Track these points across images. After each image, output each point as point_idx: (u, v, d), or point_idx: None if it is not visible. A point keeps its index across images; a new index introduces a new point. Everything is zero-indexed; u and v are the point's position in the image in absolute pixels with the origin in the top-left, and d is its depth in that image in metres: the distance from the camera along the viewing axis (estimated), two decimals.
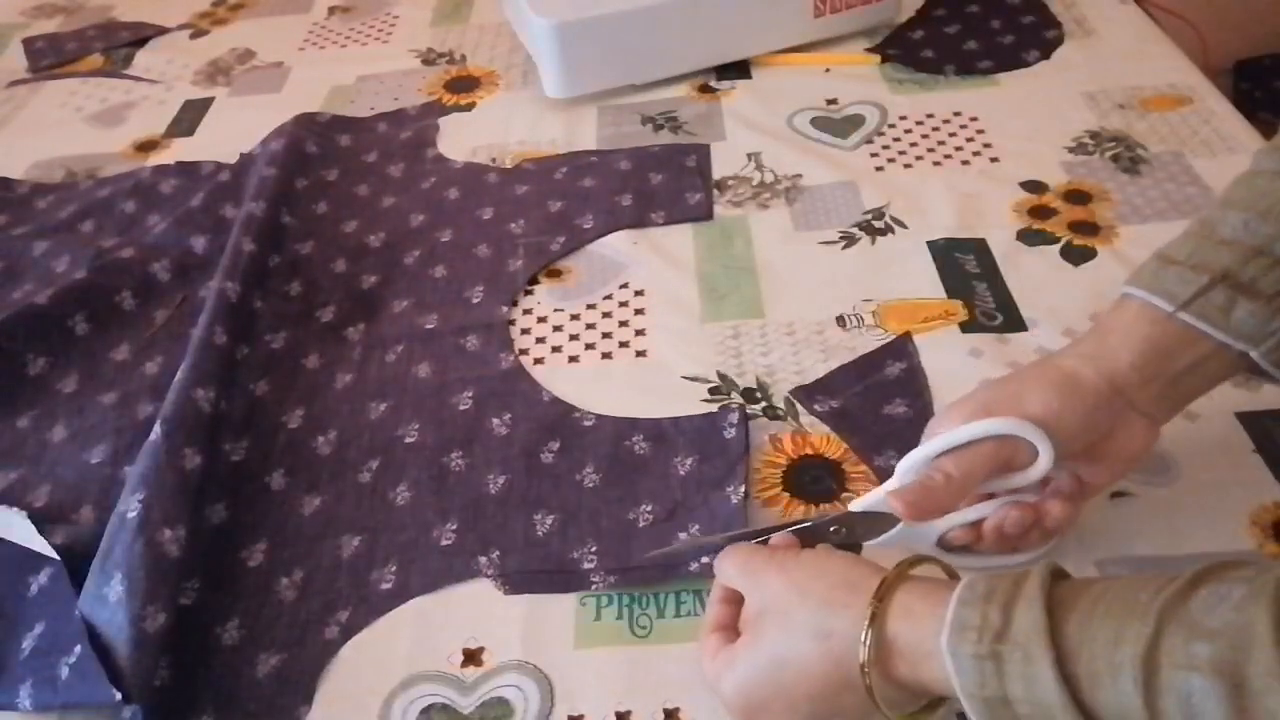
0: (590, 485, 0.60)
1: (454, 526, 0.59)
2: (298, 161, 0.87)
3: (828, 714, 0.44)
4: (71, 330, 0.72)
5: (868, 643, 0.41)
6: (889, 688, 0.41)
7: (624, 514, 0.58)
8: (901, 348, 0.66)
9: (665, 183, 0.82)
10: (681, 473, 0.60)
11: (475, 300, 0.74)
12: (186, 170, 0.90)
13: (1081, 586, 0.39)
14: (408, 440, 0.64)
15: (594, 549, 0.56)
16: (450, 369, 0.68)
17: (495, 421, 0.64)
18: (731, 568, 0.48)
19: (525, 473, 0.61)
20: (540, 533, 0.58)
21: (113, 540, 0.54)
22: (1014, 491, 0.50)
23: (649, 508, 0.58)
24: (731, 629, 0.48)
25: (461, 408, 0.65)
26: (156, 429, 0.59)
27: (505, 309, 0.73)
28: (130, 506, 0.55)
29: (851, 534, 0.51)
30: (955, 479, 0.47)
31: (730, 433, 0.61)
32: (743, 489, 0.57)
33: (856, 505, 0.51)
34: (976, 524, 0.50)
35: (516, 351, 0.69)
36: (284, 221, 0.81)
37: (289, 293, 0.76)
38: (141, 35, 1.16)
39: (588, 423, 0.63)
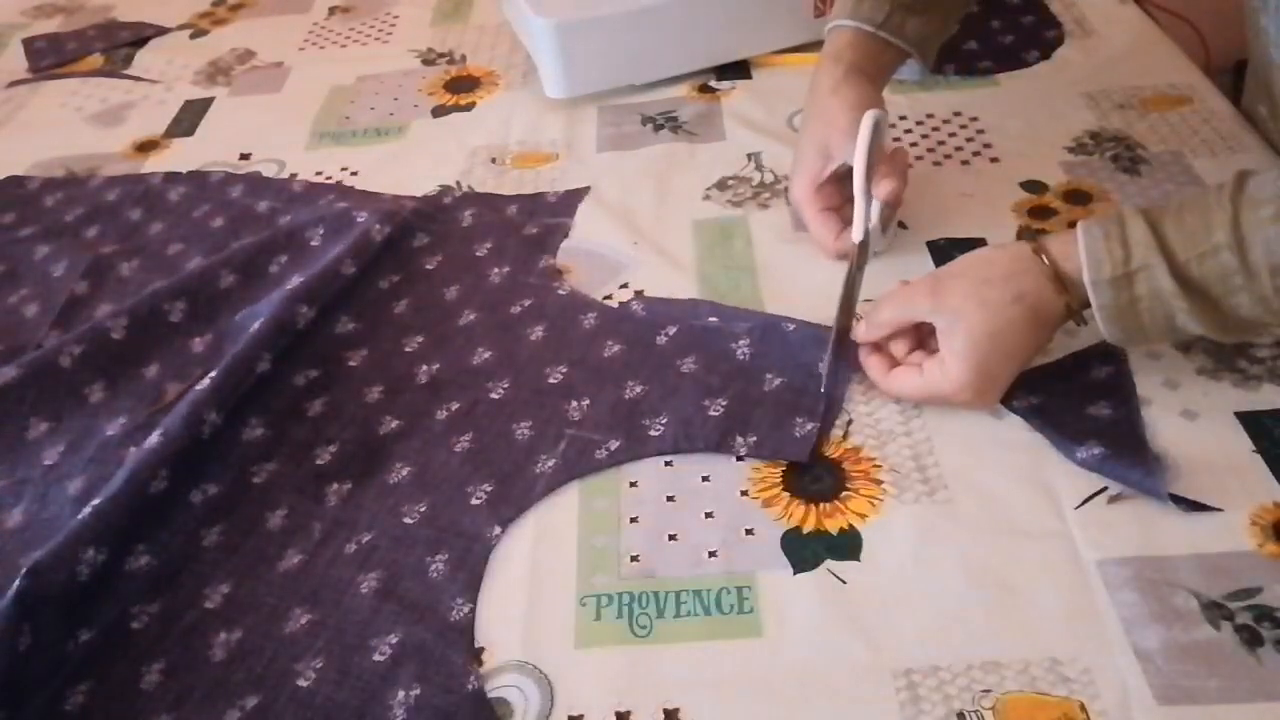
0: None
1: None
2: (389, 245, 0.78)
3: (1030, 354, 0.60)
4: (86, 399, 0.68)
5: (1051, 276, 0.57)
6: (1075, 306, 0.58)
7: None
8: (1110, 351, 0.62)
9: (776, 394, 0.63)
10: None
11: (475, 501, 0.60)
12: (197, 180, 0.89)
13: (1159, 211, 0.55)
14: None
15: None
16: (398, 595, 0.56)
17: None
18: (905, 307, 0.61)
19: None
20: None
21: None
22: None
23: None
24: (883, 352, 0.63)
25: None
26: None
27: (497, 531, 0.58)
28: None
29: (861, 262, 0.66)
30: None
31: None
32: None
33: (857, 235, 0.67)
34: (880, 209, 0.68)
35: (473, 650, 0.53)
36: (345, 330, 0.72)
37: (305, 411, 0.67)
38: (141, 35, 1.16)
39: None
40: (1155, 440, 0.58)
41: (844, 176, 0.70)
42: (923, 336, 0.62)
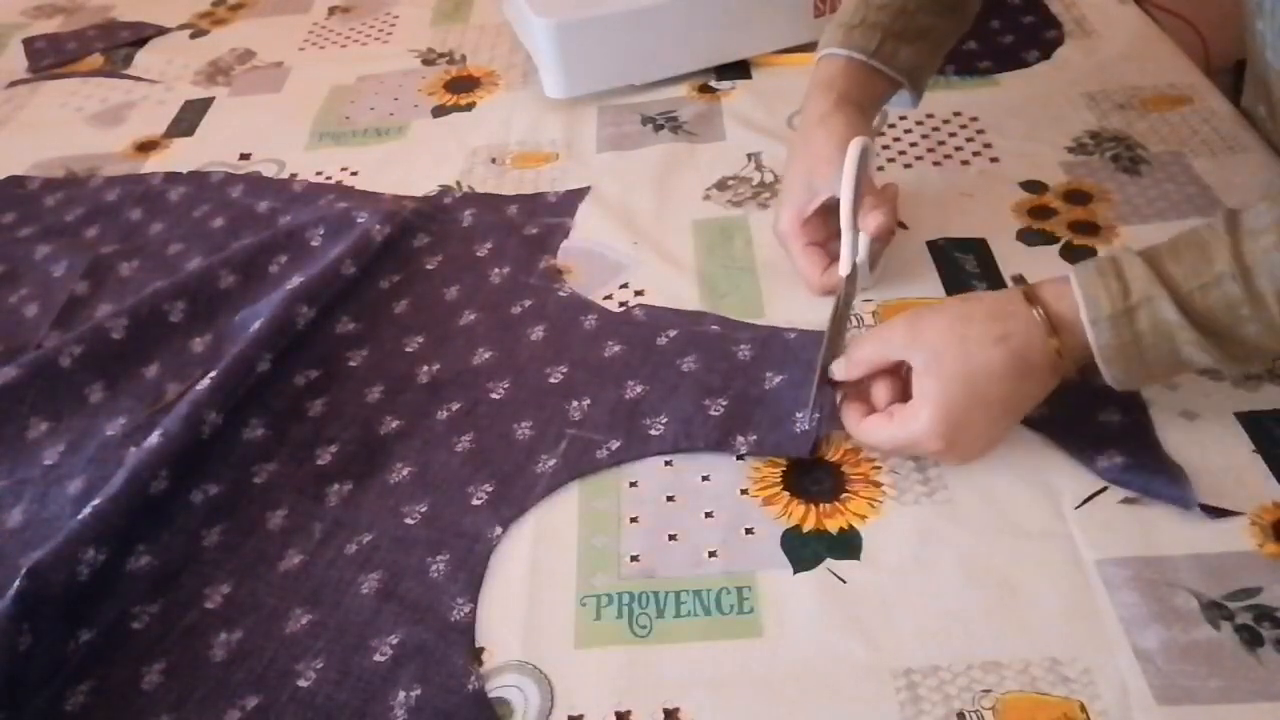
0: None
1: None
2: (389, 245, 0.78)
3: (1014, 408, 0.56)
4: (86, 399, 0.68)
5: (1042, 319, 0.54)
6: (1065, 353, 0.54)
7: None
8: None
9: (776, 391, 0.63)
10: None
11: (475, 501, 0.60)
12: (197, 180, 0.89)
13: (1152, 248, 0.53)
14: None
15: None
16: (398, 595, 0.56)
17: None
18: (881, 344, 0.58)
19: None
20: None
21: None
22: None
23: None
24: (865, 401, 0.59)
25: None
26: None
27: (498, 531, 0.58)
28: None
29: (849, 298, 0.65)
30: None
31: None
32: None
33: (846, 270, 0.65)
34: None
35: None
36: (345, 330, 0.72)
37: (306, 411, 0.67)
38: (141, 35, 1.16)
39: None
40: None
41: (831, 209, 0.67)
42: (909, 384, 0.58)
